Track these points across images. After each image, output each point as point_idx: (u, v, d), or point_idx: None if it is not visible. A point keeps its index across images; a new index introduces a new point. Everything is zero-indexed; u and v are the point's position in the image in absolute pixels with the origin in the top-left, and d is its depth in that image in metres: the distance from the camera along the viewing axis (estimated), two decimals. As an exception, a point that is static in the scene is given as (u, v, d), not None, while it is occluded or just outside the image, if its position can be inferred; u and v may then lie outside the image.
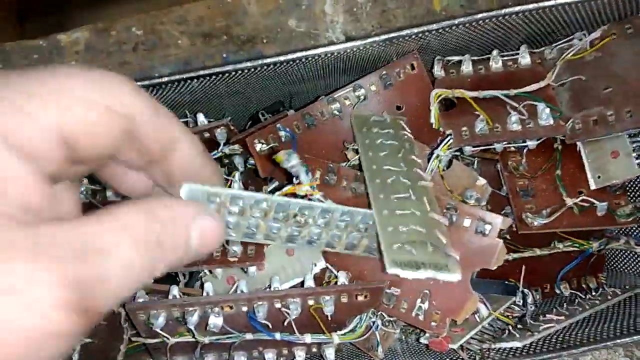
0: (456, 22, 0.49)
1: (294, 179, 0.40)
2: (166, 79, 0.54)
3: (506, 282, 0.54)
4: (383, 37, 0.50)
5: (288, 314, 0.47)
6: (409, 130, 0.50)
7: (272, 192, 0.42)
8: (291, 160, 0.39)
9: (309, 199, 0.39)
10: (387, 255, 0.40)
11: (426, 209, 0.42)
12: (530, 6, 0.49)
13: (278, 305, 0.47)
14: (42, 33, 0.60)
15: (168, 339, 0.46)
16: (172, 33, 0.59)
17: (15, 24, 0.67)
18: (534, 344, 0.48)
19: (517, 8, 0.49)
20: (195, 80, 0.54)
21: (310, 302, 0.47)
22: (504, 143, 0.52)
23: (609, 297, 0.52)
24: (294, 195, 0.40)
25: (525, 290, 0.53)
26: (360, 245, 0.42)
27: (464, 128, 0.51)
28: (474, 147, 0.51)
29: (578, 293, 0.55)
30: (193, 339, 0.46)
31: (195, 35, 0.58)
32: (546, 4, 0.48)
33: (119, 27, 0.59)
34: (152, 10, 0.62)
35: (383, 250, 0.41)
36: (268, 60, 0.53)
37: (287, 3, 0.57)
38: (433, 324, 0.48)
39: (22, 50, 0.57)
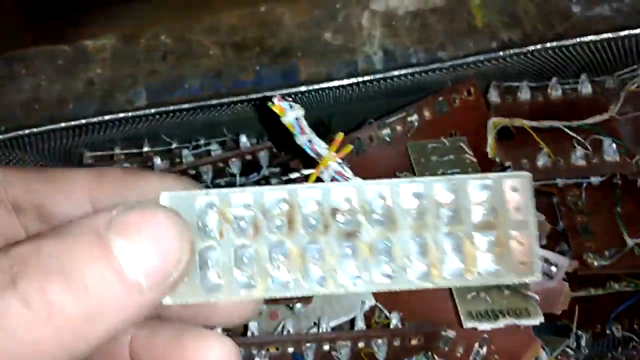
0: (525, 50, 0.46)
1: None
2: (201, 103, 0.50)
3: (558, 323, 0.51)
4: (447, 63, 0.47)
5: (338, 358, 0.43)
6: (470, 153, 0.47)
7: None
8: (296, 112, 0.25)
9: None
10: (461, 307, 0.37)
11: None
12: (604, 35, 0.46)
13: (327, 348, 0.44)
14: (54, 37, 0.56)
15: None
16: (202, 43, 0.55)
17: (25, 27, 0.62)
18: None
19: (588, 38, 0.46)
20: (227, 106, 0.51)
21: (361, 345, 0.44)
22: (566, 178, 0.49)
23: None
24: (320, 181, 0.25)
25: (579, 332, 0.50)
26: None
27: (524, 160, 0.48)
28: (534, 181, 0.48)
29: (632, 335, 0.53)
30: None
31: (227, 45, 0.54)
32: (620, 34, 0.46)
33: (146, 35, 0.55)
34: (168, 13, 0.58)
35: (457, 302, 0.39)
36: (312, 87, 0.50)
37: (323, 15, 0.53)
38: (492, 370, 0.45)
39: (45, 56, 0.53)
